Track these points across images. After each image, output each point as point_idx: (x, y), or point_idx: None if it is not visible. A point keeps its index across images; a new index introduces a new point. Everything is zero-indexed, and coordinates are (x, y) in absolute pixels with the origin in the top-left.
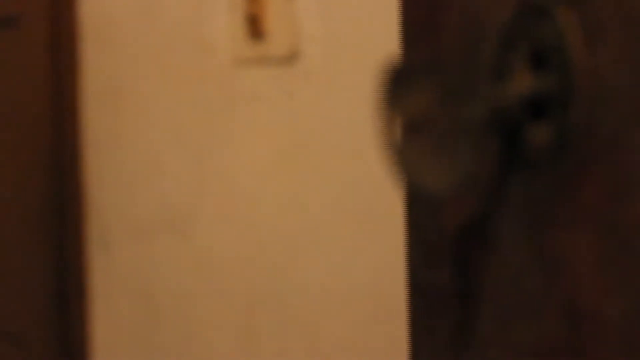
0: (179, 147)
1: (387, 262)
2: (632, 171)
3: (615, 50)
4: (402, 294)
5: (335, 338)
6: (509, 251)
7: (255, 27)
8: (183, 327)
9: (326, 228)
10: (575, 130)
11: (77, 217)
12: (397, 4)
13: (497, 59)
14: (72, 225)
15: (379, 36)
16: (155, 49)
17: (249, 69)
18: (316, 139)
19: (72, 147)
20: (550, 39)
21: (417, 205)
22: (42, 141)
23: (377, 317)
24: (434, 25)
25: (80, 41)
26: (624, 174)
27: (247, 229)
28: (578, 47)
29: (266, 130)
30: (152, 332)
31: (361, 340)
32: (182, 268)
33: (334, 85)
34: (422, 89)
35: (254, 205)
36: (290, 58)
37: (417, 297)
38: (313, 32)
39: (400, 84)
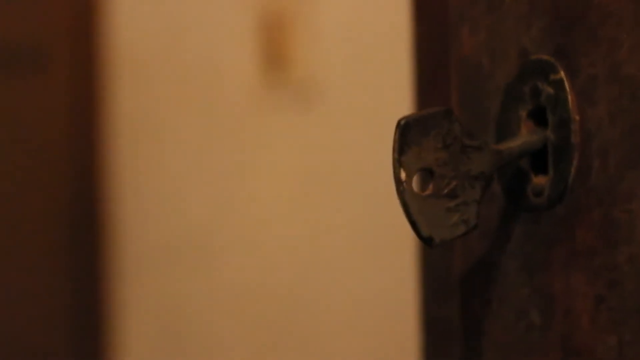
0: (201, 176)
1: (399, 293)
2: (620, 217)
3: (606, 106)
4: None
5: None
6: (510, 289)
7: (275, 57)
8: (204, 349)
9: (343, 258)
10: (570, 181)
11: (100, 243)
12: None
13: (503, 114)
14: (95, 251)
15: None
16: (178, 76)
17: (270, 97)
18: (336, 166)
19: (96, 175)
20: (550, 94)
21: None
22: (64, 168)
23: (389, 346)
24: (444, 79)
25: (106, 68)
26: (613, 220)
27: (266, 256)
28: (573, 103)
29: (286, 158)
30: (174, 355)
31: None
32: (203, 292)
33: (353, 113)
34: (432, 142)
35: (273, 233)
36: (310, 86)
37: (427, 330)
38: (333, 60)
39: (410, 137)
